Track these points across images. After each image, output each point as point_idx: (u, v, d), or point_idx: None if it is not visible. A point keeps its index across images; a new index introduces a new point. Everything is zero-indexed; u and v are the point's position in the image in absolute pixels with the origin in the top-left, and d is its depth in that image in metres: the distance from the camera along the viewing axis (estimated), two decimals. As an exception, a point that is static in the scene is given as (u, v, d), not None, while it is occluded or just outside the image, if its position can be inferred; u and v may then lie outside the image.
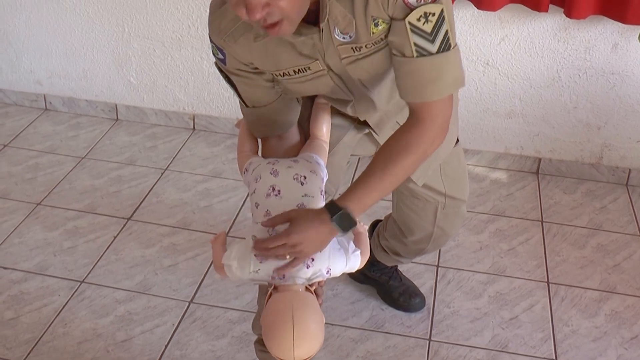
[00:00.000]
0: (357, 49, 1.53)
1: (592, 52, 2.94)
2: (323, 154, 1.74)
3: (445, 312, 2.48)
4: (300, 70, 1.58)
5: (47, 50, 3.54)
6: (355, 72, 1.59)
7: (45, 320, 2.41)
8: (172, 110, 3.54)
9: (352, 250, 1.55)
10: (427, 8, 1.43)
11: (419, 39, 1.45)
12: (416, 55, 1.47)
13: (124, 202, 2.98)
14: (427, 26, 1.44)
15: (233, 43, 1.54)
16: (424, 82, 1.50)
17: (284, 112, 1.72)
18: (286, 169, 1.59)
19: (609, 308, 2.51)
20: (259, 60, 1.57)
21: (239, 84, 1.66)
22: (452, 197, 2.07)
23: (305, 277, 1.49)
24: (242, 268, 1.50)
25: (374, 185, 1.55)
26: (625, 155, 3.14)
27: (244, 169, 1.71)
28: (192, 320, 2.42)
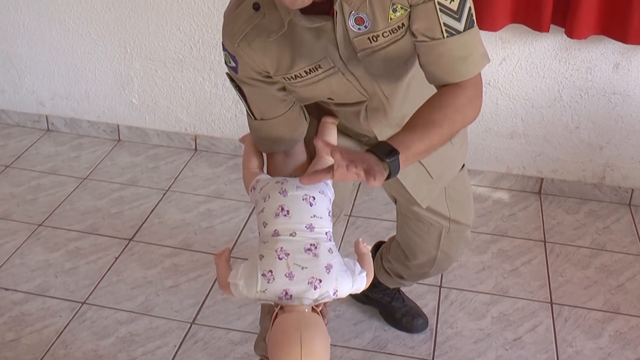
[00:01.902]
0: (374, 39, 1.52)
1: (594, 72, 2.94)
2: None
3: (448, 333, 2.46)
4: (312, 70, 1.57)
5: (49, 71, 3.55)
6: (371, 66, 1.58)
7: (46, 341, 2.39)
8: (174, 131, 3.55)
9: (359, 271, 1.55)
10: None
11: (448, 19, 1.46)
12: (447, 36, 1.47)
13: (125, 223, 2.98)
14: (454, 4, 1.46)
15: (247, 47, 1.53)
16: (457, 61, 1.51)
17: (291, 127, 1.71)
18: (295, 189, 1.59)
19: (613, 329, 2.50)
20: (273, 61, 1.56)
21: (250, 94, 1.65)
22: (457, 222, 2.05)
23: (313, 298, 1.48)
24: (249, 287, 1.49)
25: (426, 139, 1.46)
26: (628, 175, 3.14)
27: (250, 187, 1.70)
28: (194, 342, 2.40)
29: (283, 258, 1.49)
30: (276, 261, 1.49)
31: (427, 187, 1.93)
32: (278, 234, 1.53)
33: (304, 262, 1.48)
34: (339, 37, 1.51)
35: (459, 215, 2.05)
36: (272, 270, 1.48)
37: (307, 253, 1.50)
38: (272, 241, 1.52)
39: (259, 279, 1.48)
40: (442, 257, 2.12)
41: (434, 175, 1.90)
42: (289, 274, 1.47)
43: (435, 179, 1.92)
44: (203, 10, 3.20)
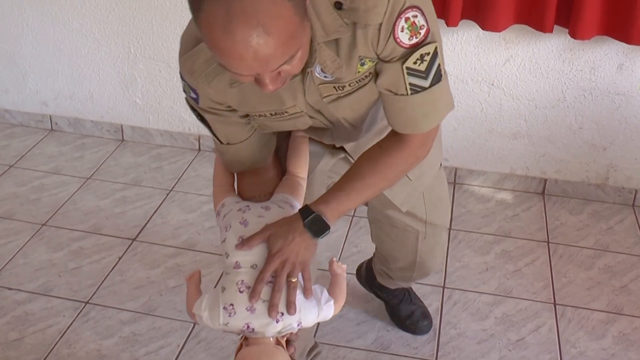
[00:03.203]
0: (340, 88, 1.48)
1: (597, 72, 2.94)
2: (300, 192, 1.69)
3: (452, 334, 2.46)
4: (278, 113, 1.53)
5: (53, 71, 3.56)
6: (337, 110, 1.55)
7: (49, 341, 2.40)
8: (177, 131, 3.55)
9: (325, 300, 1.49)
10: (423, 50, 1.40)
11: (414, 79, 1.42)
12: (411, 93, 1.44)
13: (128, 223, 2.98)
14: (422, 66, 1.42)
15: (206, 85, 1.47)
16: (417, 116, 1.48)
17: (259, 147, 1.67)
18: (257, 219, 1.54)
19: (616, 330, 2.49)
20: (234, 103, 1.51)
21: (213, 122, 1.59)
22: (433, 224, 2.00)
23: (275, 331, 1.44)
24: (213, 320, 1.45)
25: (354, 194, 1.53)
26: (632, 176, 3.14)
27: (216, 211, 1.66)
28: (197, 342, 2.41)
29: (244, 291, 1.44)
30: (237, 294, 1.44)
31: (406, 190, 1.89)
32: (239, 266, 1.48)
33: (265, 295, 1.43)
34: (306, 86, 1.46)
35: (435, 217, 2.00)
36: (233, 304, 1.44)
37: (268, 286, 1.44)
38: (234, 273, 1.47)
39: (221, 312, 1.44)
40: (422, 261, 2.08)
41: (412, 177, 1.86)
42: (250, 307, 1.43)
43: (414, 180, 1.87)
44: (207, 11, 3.20)
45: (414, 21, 1.37)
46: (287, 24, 1.17)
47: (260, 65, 1.20)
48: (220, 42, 1.17)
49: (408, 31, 1.37)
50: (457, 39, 2.99)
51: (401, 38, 1.37)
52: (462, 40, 2.99)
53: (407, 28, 1.37)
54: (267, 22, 1.14)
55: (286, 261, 1.45)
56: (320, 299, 1.49)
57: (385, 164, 1.55)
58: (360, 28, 1.36)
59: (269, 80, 1.26)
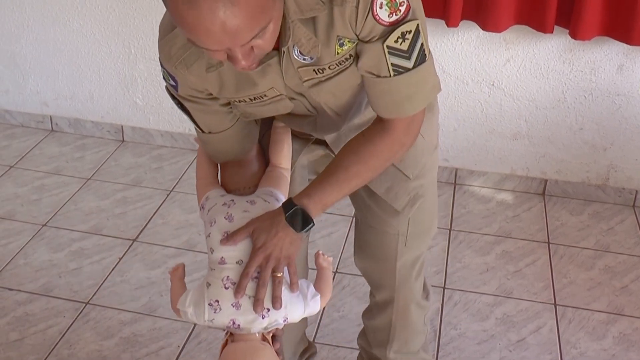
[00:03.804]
0: (320, 71, 1.42)
1: (598, 73, 2.94)
2: (284, 184, 1.66)
3: (452, 334, 2.46)
4: (257, 98, 1.48)
5: (53, 72, 3.56)
6: (319, 95, 1.50)
7: (50, 341, 2.40)
8: (178, 131, 3.55)
9: (312, 295, 1.47)
10: (404, 27, 1.34)
11: (397, 59, 1.37)
12: (394, 75, 1.38)
13: (129, 224, 2.98)
14: (404, 45, 1.36)
15: (185, 70, 1.42)
16: (401, 99, 1.43)
17: (242, 137, 1.63)
18: (242, 214, 1.51)
19: (617, 330, 2.49)
20: (214, 88, 1.47)
21: (193, 111, 1.55)
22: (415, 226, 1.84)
23: (261, 327, 1.43)
24: (198, 316, 1.44)
25: (337, 185, 1.49)
26: (632, 177, 3.14)
27: (200, 205, 1.63)
28: (198, 342, 2.41)
29: (229, 287, 1.42)
30: (222, 290, 1.42)
31: (407, 192, 1.78)
32: (224, 262, 1.46)
33: (251, 290, 1.41)
34: (284, 69, 1.41)
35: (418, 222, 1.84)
36: (218, 300, 1.42)
37: (254, 281, 1.42)
38: (219, 269, 1.45)
39: (206, 309, 1.43)
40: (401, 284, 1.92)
41: (411, 176, 1.76)
42: (235, 303, 1.41)
43: (414, 180, 1.77)
44: (207, 11, 3.20)
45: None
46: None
47: (229, 38, 1.16)
48: (186, 16, 1.14)
49: (387, 8, 1.33)
50: (457, 39, 2.99)
51: (380, 15, 1.32)
52: (463, 40, 2.99)
53: (386, 4, 1.32)
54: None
55: (270, 256, 1.43)
56: (307, 294, 1.47)
57: (368, 153, 1.49)
58: (337, 5, 1.31)
59: (241, 55, 1.22)
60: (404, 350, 2.04)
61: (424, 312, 2.01)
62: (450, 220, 3.04)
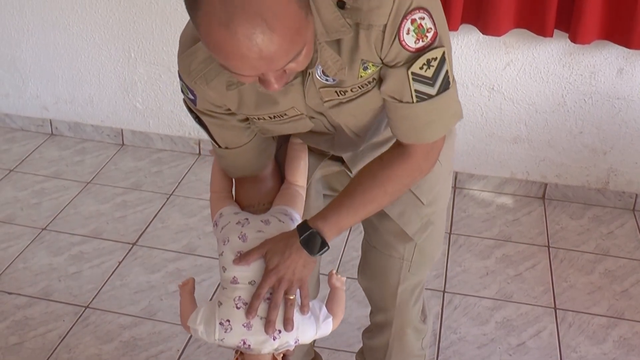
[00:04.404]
0: (342, 93, 1.40)
1: (598, 77, 2.94)
2: (299, 203, 1.63)
3: (452, 338, 2.46)
4: (277, 116, 1.46)
5: (53, 76, 3.56)
6: (339, 116, 1.47)
7: (49, 345, 2.39)
8: (177, 135, 3.55)
9: (324, 317, 1.46)
10: (430, 55, 1.32)
11: (420, 85, 1.34)
12: (416, 101, 1.36)
13: (129, 228, 2.98)
14: (429, 72, 1.33)
15: (205, 86, 1.40)
16: (422, 125, 1.41)
17: (258, 153, 1.60)
18: (255, 234, 1.50)
19: (617, 334, 2.49)
20: (233, 105, 1.44)
21: (211, 125, 1.52)
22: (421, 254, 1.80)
23: (272, 348, 1.42)
24: (208, 334, 1.43)
25: (353, 209, 1.47)
26: (632, 181, 3.14)
27: (214, 221, 1.61)
28: (197, 346, 2.40)
29: (241, 307, 1.41)
30: (234, 310, 1.41)
31: (419, 217, 1.76)
32: (237, 282, 1.45)
33: (262, 311, 1.40)
34: (307, 89, 1.38)
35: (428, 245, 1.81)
36: (229, 320, 1.41)
37: (266, 303, 1.41)
38: (231, 289, 1.44)
39: (217, 328, 1.42)
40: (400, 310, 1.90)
41: (425, 201, 1.73)
42: (247, 324, 1.40)
43: (427, 206, 1.74)
44: (207, 15, 3.20)
45: (421, 23, 1.30)
46: (292, 19, 1.10)
47: (265, 64, 1.13)
48: (220, 41, 1.09)
49: (414, 34, 1.30)
50: (457, 43, 2.99)
51: (407, 41, 1.30)
52: (462, 44, 2.99)
53: (413, 30, 1.29)
54: (270, 17, 1.07)
55: (283, 278, 1.41)
56: (319, 315, 1.46)
57: (386, 177, 1.47)
58: (363, 29, 1.29)
59: (274, 79, 1.19)
60: None
61: (421, 335, 1.97)
62: (450, 224, 3.04)
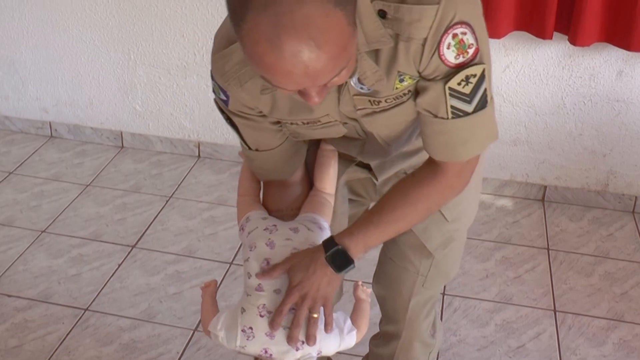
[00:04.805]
0: (375, 103, 1.36)
1: (597, 79, 2.94)
2: (327, 211, 1.61)
3: (452, 341, 2.46)
4: (310, 122, 1.43)
5: (53, 78, 3.56)
6: (371, 125, 1.45)
7: (49, 348, 2.39)
8: (177, 137, 3.55)
9: (348, 330, 1.44)
10: (469, 71, 1.27)
11: (456, 102, 1.30)
12: (451, 117, 1.31)
13: (128, 230, 2.98)
14: (467, 88, 1.29)
15: (238, 87, 1.37)
16: (455, 143, 1.36)
17: (289, 157, 1.57)
18: (284, 242, 1.47)
19: (617, 337, 2.49)
20: (265, 108, 1.41)
21: (242, 127, 1.49)
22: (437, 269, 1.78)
23: (294, 359, 1.41)
24: (229, 340, 1.41)
25: (382, 227, 1.43)
26: (632, 183, 3.14)
27: (240, 225, 1.59)
28: (197, 349, 2.40)
29: (265, 316, 1.39)
30: (257, 318, 1.40)
31: (442, 233, 1.72)
32: (262, 289, 1.42)
33: (286, 321, 1.38)
34: (341, 96, 1.36)
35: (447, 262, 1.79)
36: (252, 327, 1.40)
37: (290, 312, 1.39)
38: (255, 296, 1.42)
39: (239, 335, 1.40)
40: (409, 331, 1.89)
41: (449, 218, 1.69)
42: (269, 333, 1.39)
43: (451, 222, 1.71)
44: (207, 17, 3.21)
45: (462, 39, 1.26)
46: (340, 37, 1.08)
47: (309, 80, 1.11)
48: (265, 56, 1.07)
49: (455, 49, 1.26)
50: (457, 45, 2.98)
51: (446, 56, 1.26)
52: (462, 47, 2.98)
53: (454, 45, 1.26)
54: (319, 35, 1.05)
55: (307, 295, 1.38)
56: (343, 328, 1.44)
57: (417, 196, 1.43)
58: (403, 41, 1.25)
59: (315, 93, 1.17)
60: None
61: (428, 349, 1.95)
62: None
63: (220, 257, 2.82)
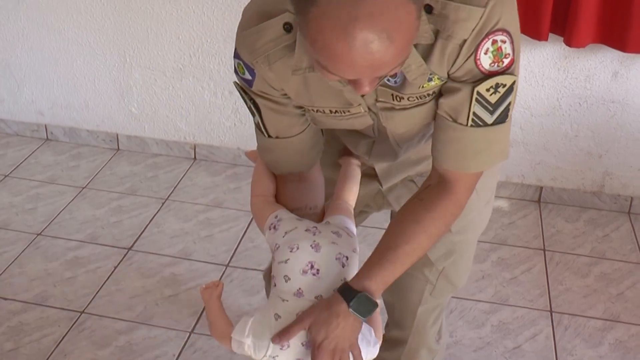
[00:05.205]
0: (398, 98, 1.33)
1: (593, 80, 2.94)
2: (353, 221, 1.54)
3: (448, 342, 2.46)
4: (339, 112, 1.39)
5: (48, 81, 3.56)
6: (387, 120, 1.41)
7: (45, 351, 2.39)
8: (173, 140, 3.55)
9: (374, 343, 1.39)
10: (500, 79, 1.26)
11: (480, 109, 1.28)
12: (471, 125, 1.29)
13: (124, 232, 2.98)
14: (494, 97, 1.27)
15: (266, 66, 1.32)
16: (468, 153, 1.34)
17: (309, 146, 1.51)
18: (330, 245, 1.39)
19: (613, 337, 2.49)
20: (292, 91, 1.37)
21: (265, 110, 1.42)
22: (446, 280, 1.77)
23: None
24: (257, 349, 1.32)
25: (399, 262, 1.37)
26: (627, 184, 3.14)
27: (268, 224, 1.49)
28: (193, 351, 2.40)
29: None
30: None
31: (441, 241, 1.62)
32: (302, 294, 1.35)
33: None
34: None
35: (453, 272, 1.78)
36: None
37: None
38: (293, 301, 1.34)
39: (271, 343, 1.32)
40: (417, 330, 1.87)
41: (454, 229, 1.65)
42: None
43: (455, 233, 1.68)
44: (202, 20, 3.21)
45: (501, 46, 1.24)
46: (409, 30, 1.07)
47: (371, 71, 1.09)
48: (334, 43, 1.04)
49: (492, 55, 1.24)
50: (452, 47, 2.99)
51: (482, 61, 1.25)
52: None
53: (491, 52, 1.24)
54: (392, 26, 1.03)
55: (335, 349, 1.32)
56: (370, 340, 1.39)
57: (430, 219, 1.38)
58: (442, 39, 1.23)
59: (368, 82, 1.15)
60: None
61: (432, 355, 1.93)
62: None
63: (216, 260, 2.82)
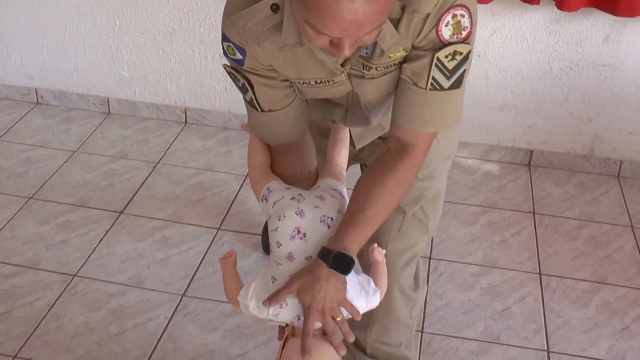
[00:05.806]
0: (367, 68, 1.47)
1: (584, 44, 2.94)
2: (344, 180, 1.67)
3: (438, 304, 2.48)
4: (323, 82, 1.51)
5: (38, 44, 3.53)
6: (358, 87, 1.55)
7: (37, 314, 2.40)
8: (163, 103, 3.54)
9: (373, 291, 1.50)
10: (458, 47, 1.39)
11: (439, 74, 1.41)
12: (429, 88, 1.43)
13: (116, 196, 2.98)
14: (451, 64, 1.41)
15: (256, 46, 1.44)
16: (426, 114, 1.47)
17: (298, 115, 1.63)
18: (313, 210, 1.50)
19: (600, 299, 2.52)
20: (280, 67, 1.49)
21: (257, 85, 1.53)
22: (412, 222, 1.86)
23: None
24: (261, 309, 1.45)
25: (369, 222, 1.49)
26: (617, 147, 3.15)
27: (261, 196, 1.61)
28: (185, 314, 2.42)
29: None
30: None
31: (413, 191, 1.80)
32: (293, 257, 1.46)
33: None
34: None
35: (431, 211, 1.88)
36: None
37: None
38: (286, 264, 1.47)
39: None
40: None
41: (419, 176, 1.77)
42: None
43: (421, 180, 1.80)
44: (192, -18, 3.19)
45: (460, 20, 1.37)
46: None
47: (354, 28, 1.19)
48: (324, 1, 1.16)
49: (452, 28, 1.38)
50: (443, 10, 2.98)
51: (443, 32, 1.38)
52: (449, 11, 2.98)
53: (451, 25, 1.37)
54: None
55: (324, 309, 1.43)
56: (368, 290, 1.49)
57: (394, 182, 1.51)
58: (408, 13, 1.36)
59: (347, 45, 1.25)
60: (384, 339, 2.01)
61: (410, 303, 1.98)
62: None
63: (208, 223, 2.83)
